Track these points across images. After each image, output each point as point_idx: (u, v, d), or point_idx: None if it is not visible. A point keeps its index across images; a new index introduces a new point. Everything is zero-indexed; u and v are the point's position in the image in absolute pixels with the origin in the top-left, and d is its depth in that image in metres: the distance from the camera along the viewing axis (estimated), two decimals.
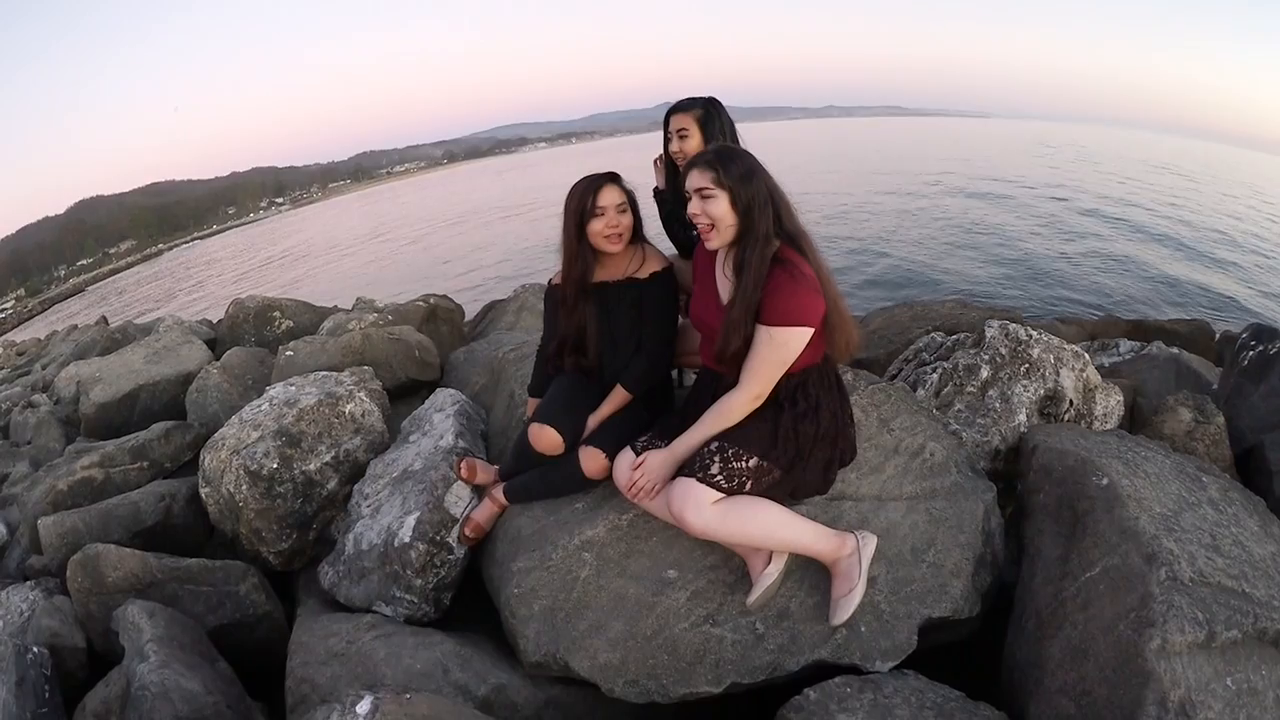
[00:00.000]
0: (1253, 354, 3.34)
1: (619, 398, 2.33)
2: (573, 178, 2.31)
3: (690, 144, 2.51)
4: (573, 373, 2.43)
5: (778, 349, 1.84)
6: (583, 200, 2.23)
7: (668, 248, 2.65)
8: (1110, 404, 2.91)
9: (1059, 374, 2.84)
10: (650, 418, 2.32)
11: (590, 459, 2.22)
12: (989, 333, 3.00)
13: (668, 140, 2.60)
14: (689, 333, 2.42)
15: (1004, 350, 2.91)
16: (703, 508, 1.86)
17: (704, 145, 2.47)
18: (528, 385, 2.65)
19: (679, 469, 1.96)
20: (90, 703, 2.11)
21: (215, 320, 7.25)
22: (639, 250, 2.36)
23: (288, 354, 4.07)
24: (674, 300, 2.39)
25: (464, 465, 2.55)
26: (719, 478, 1.88)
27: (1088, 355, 2.96)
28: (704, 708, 2.07)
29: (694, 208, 1.90)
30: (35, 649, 2.25)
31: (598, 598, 2.10)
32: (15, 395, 6.44)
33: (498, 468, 2.58)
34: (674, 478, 1.95)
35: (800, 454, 1.96)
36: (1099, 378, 2.94)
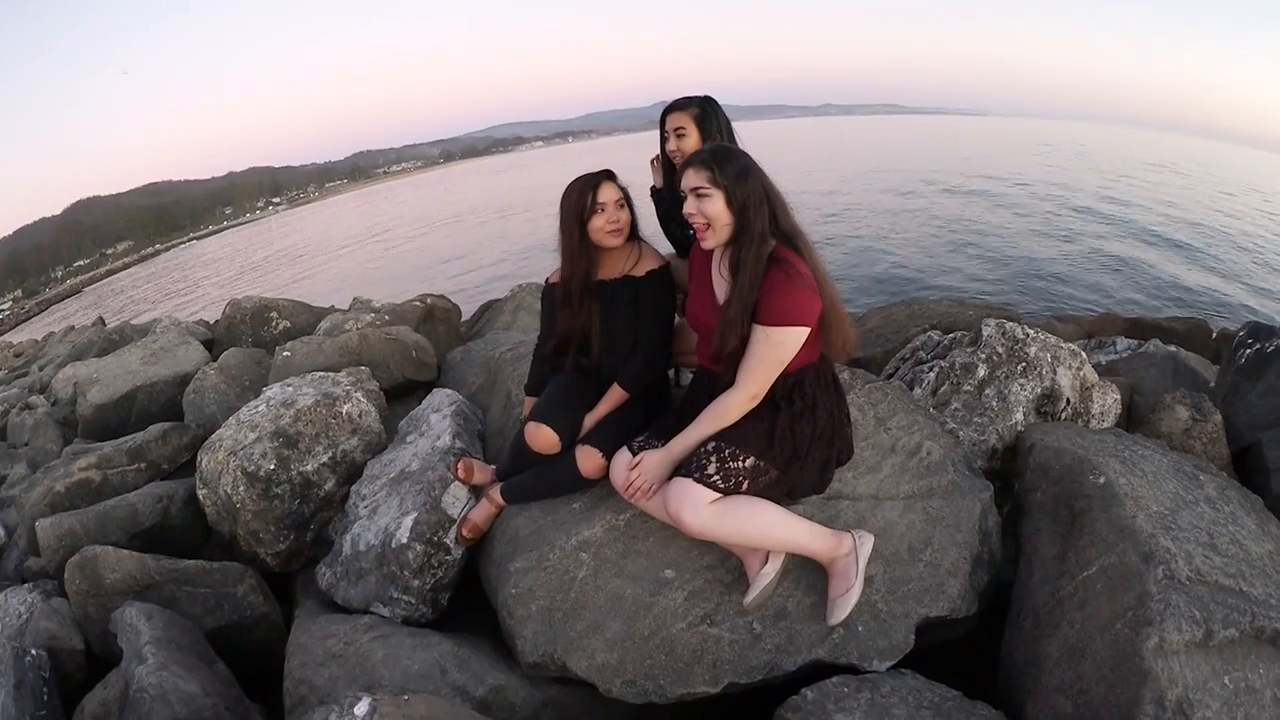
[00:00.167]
0: (1250, 352, 3.34)
1: (616, 396, 2.33)
2: (570, 176, 2.31)
3: (688, 142, 2.50)
4: (570, 371, 2.43)
5: (774, 349, 1.84)
6: (582, 198, 2.23)
7: (665, 247, 2.65)
8: (1107, 402, 2.91)
9: (1056, 372, 2.84)
10: (647, 417, 2.32)
11: (587, 458, 2.22)
12: (986, 331, 3.00)
13: (665, 139, 2.60)
14: (686, 332, 2.42)
15: (1001, 349, 2.91)
16: (700, 508, 1.86)
17: (702, 143, 2.46)
18: (524, 384, 2.65)
19: (676, 469, 1.96)
20: (89, 705, 2.11)
21: (212, 321, 7.23)
22: (635, 248, 2.36)
23: (285, 354, 4.07)
24: (671, 298, 2.39)
25: (461, 466, 2.54)
26: (716, 478, 1.88)
27: (1085, 354, 2.96)
28: (702, 708, 2.06)
29: (689, 207, 1.89)
30: (34, 651, 2.25)
31: (595, 598, 2.10)
32: (12, 396, 6.43)
33: (495, 468, 2.58)
34: (671, 478, 1.95)
35: (797, 453, 1.96)
36: (1096, 376, 2.94)
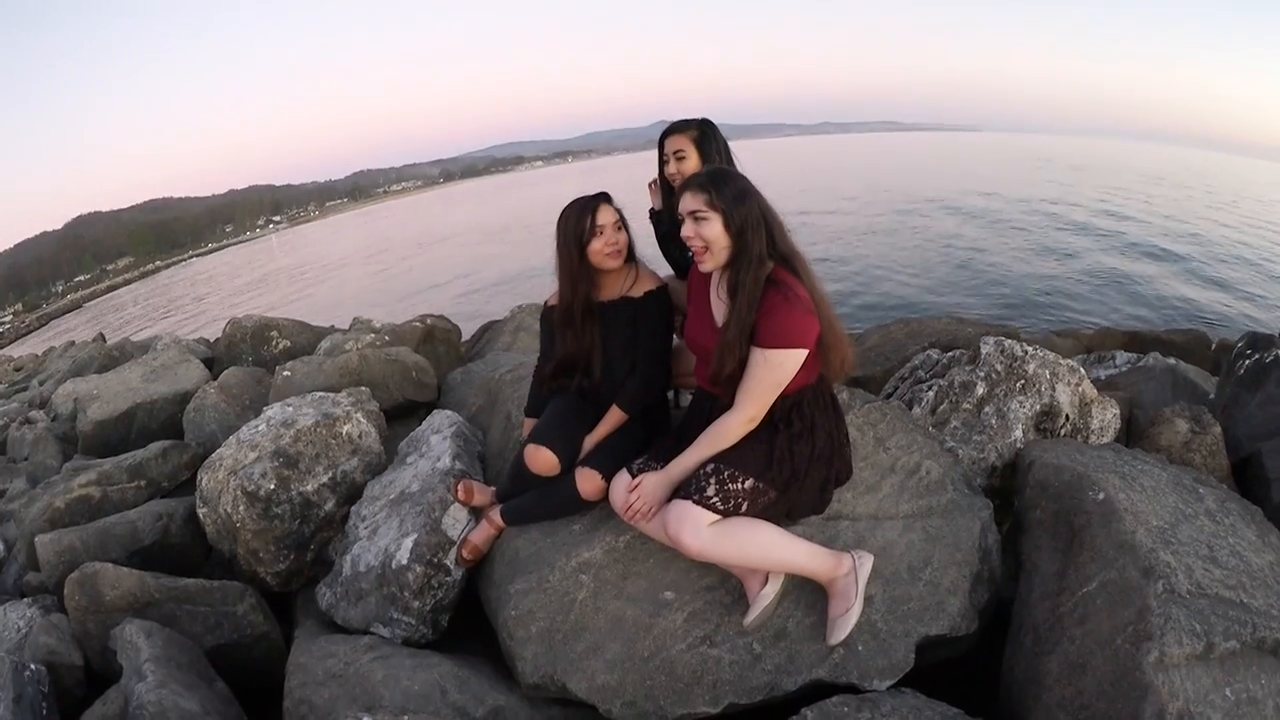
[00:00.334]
0: (1249, 362, 3.35)
1: (615, 418, 2.34)
2: (570, 195, 2.34)
3: (688, 165, 2.52)
4: (570, 393, 2.44)
5: (772, 371, 1.86)
6: (580, 222, 2.25)
7: (663, 269, 2.67)
8: (1106, 417, 2.92)
9: (1055, 389, 2.85)
10: (647, 438, 2.32)
11: (586, 480, 2.23)
12: (984, 349, 3.01)
13: (664, 162, 2.61)
14: (685, 354, 2.43)
15: (999, 366, 2.92)
16: (699, 530, 1.86)
17: (701, 166, 2.49)
18: (524, 406, 2.65)
19: (675, 491, 1.96)
20: None
21: (212, 339, 7.25)
22: (632, 270, 2.38)
23: (285, 374, 4.08)
24: (668, 319, 2.40)
25: (461, 487, 2.54)
26: (715, 499, 1.88)
27: (1083, 369, 2.97)
28: None
29: (687, 230, 1.91)
30: (33, 666, 2.24)
31: (595, 619, 2.10)
32: (12, 411, 6.44)
33: (495, 489, 2.58)
34: (670, 500, 1.95)
35: (796, 474, 1.97)
36: (1095, 391, 2.95)
